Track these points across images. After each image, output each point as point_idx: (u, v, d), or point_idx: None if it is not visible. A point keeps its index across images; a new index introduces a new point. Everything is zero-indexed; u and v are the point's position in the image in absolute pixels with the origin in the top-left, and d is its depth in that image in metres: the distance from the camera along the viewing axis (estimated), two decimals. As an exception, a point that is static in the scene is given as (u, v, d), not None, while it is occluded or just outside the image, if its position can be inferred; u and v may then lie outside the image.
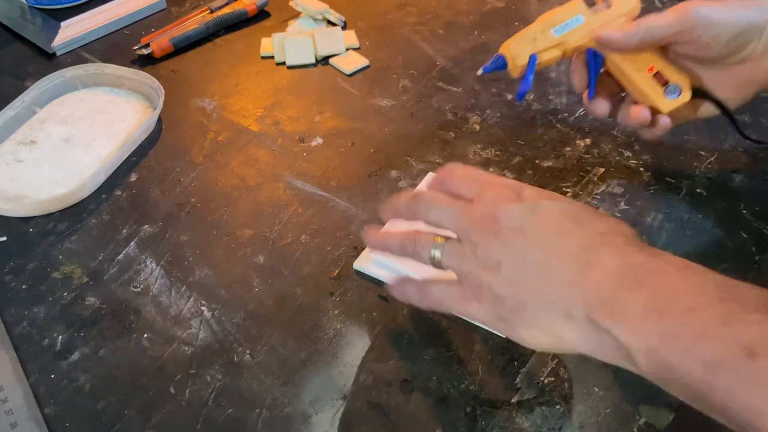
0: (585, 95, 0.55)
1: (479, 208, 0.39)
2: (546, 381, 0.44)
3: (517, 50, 0.53)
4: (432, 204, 0.42)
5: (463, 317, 0.42)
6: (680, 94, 0.51)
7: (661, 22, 0.49)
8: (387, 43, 0.76)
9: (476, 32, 0.77)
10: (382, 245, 0.45)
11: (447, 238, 0.41)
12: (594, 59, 0.53)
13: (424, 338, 0.47)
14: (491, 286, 0.38)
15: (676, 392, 0.33)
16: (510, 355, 0.46)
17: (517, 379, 0.44)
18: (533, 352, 0.46)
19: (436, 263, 0.41)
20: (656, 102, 0.52)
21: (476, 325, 0.47)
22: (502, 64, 0.55)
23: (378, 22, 0.79)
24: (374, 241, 0.45)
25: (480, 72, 0.55)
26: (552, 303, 0.36)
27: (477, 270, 0.39)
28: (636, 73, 0.52)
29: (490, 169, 0.59)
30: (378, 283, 0.50)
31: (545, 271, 0.37)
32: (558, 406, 0.43)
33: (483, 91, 0.68)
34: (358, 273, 0.51)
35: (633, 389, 0.44)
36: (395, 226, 0.50)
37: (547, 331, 0.37)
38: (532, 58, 0.53)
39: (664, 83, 0.51)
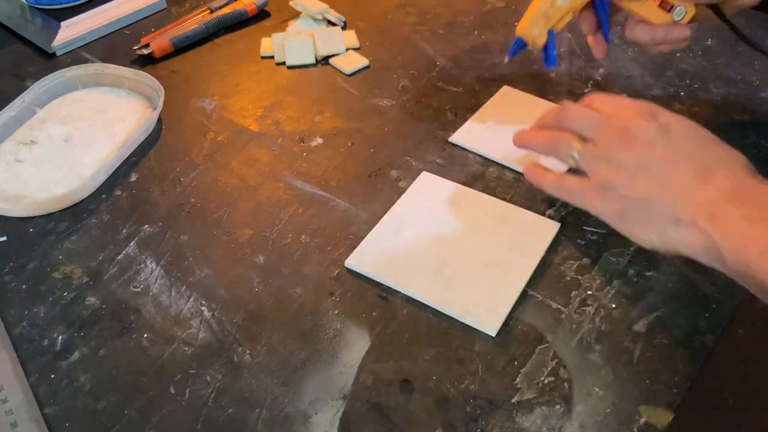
0: (590, 39, 0.59)
1: (617, 122, 0.47)
2: (546, 381, 0.44)
3: (535, 31, 0.57)
4: (577, 115, 0.50)
5: (586, 209, 0.49)
6: (686, 13, 0.54)
7: None
8: (387, 43, 0.76)
9: (476, 32, 0.77)
10: (526, 142, 0.53)
11: (584, 142, 0.48)
12: (601, 6, 0.57)
13: (424, 338, 0.47)
14: (617, 186, 0.45)
15: (751, 287, 0.40)
16: (510, 355, 0.46)
17: (517, 379, 0.44)
18: (533, 351, 0.46)
19: (572, 161, 0.48)
20: (666, 19, 0.55)
21: (476, 327, 0.47)
22: (523, 45, 0.59)
23: (378, 22, 0.79)
24: (520, 137, 0.53)
25: (507, 59, 0.60)
26: (666, 207, 0.44)
27: (607, 171, 0.46)
28: (642, 7, 0.55)
29: (490, 170, 0.59)
30: (373, 282, 0.50)
31: (667, 181, 0.44)
32: (558, 406, 0.43)
33: (483, 91, 0.68)
34: (351, 272, 0.51)
35: (633, 389, 0.44)
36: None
37: (657, 231, 0.44)
38: (551, 33, 0.57)
39: (670, 8, 0.54)
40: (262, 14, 0.81)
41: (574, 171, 0.49)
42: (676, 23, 0.55)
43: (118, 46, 0.76)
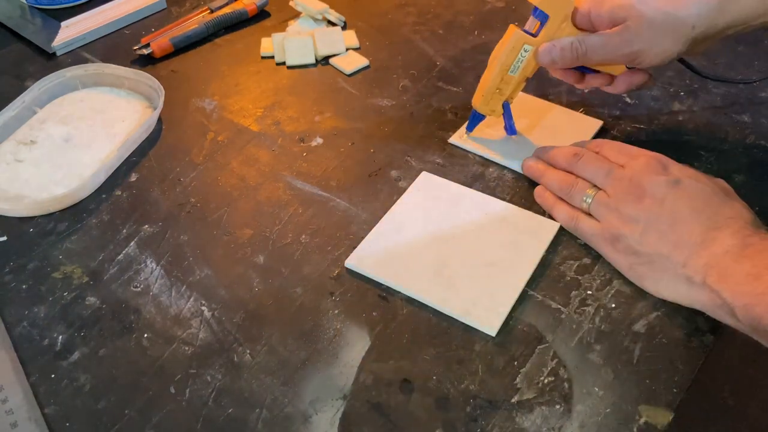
0: (582, 86, 0.60)
1: (628, 173, 0.49)
2: (546, 381, 0.44)
3: (490, 106, 0.59)
4: (589, 162, 0.52)
5: (601, 254, 0.51)
6: None
7: (597, 55, 0.53)
8: (387, 43, 0.76)
9: (476, 32, 0.77)
10: (539, 176, 0.56)
11: (597, 190, 0.51)
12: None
13: (424, 338, 0.47)
14: (628, 239, 0.47)
15: (765, 341, 0.41)
16: (510, 355, 0.46)
17: (517, 379, 0.44)
18: (533, 351, 0.46)
19: (585, 207, 0.51)
20: (622, 70, 0.57)
21: (476, 327, 0.47)
22: (482, 117, 0.61)
23: (378, 22, 0.79)
24: (535, 169, 0.56)
25: (466, 134, 0.62)
26: (677, 266, 0.45)
27: (618, 221, 0.48)
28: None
29: (490, 170, 0.59)
30: (373, 282, 0.50)
31: (676, 239, 0.46)
32: (558, 406, 0.43)
33: (483, 91, 0.68)
34: (351, 272, 0.51)
35: (633, 389, 0.44)
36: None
37: (669, 287, 0.46)
38: (505, 106, 0.59)
39: None
40: (262, 14, 0.81)
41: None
42: (632, 69, 0.56)
43: (118, 46, 0.76)
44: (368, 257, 0.51)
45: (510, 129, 0.60)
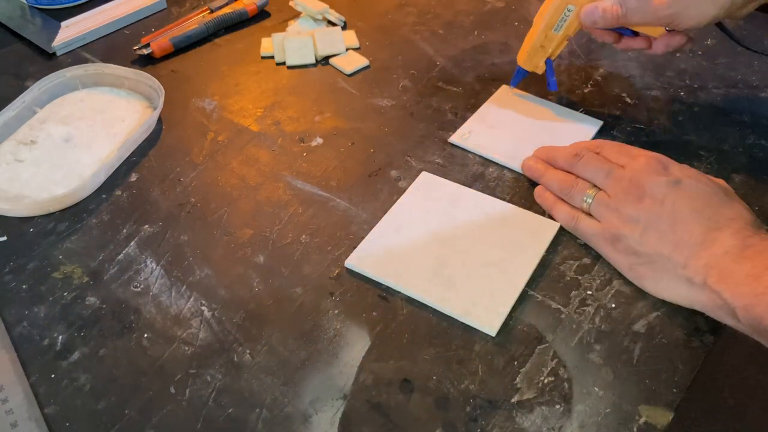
0: (621, 45, 0.61)
1: (628, 174, 0.49)
2: (546, 381, 0.44)
3: (533, 62, 0.62)
4: (589, 162, 0.52)
5: (600, 254, 0.51)
6: None
7: (635, 16, 0.55)
8: (387, 43, 0.76)
9: (476, 32, 0.77)
10: (539, 176, 0.56)
11: (597, 190, 0.51)
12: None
13: (424, 338, 0.47)
14: (628, 239, 0.48)
15: (764, 340, 0.41)
16: (510, 355, 0.46)
17: (517, 379, 0.44)
18: (533, 351, 0.46)
19: (585, 207, 0.51)
20: (661, 32, 0.58)
21: (476, 327, 0.47)
22: (525, 73, 0.64)
23: (378, 22, 0.79)
24: (535, 170, 0.56)
25: (511, 86, 0.66)
26: (677, 266, 0.45)
27: (618, 222, 0.48)
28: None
29: (490, 170, 0.59)
30: (373, 282, 0.50)
31: (676, 239, 0.46)
32: (558, 406, 0.43)
33: (483, 91, 0.68)
34: (351, 272, 0.51)
35: (633, 389, 0.44)
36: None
37: (669, 288, 0.46)
38: (548, 63, 0.61)
39: None
40: (262, 14, 0.81)
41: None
42: (671, 32, 0.57)
43: (118, 46, 0.76)
44: (368, 257, 0.51)
45: (552, 85, 0.63)
